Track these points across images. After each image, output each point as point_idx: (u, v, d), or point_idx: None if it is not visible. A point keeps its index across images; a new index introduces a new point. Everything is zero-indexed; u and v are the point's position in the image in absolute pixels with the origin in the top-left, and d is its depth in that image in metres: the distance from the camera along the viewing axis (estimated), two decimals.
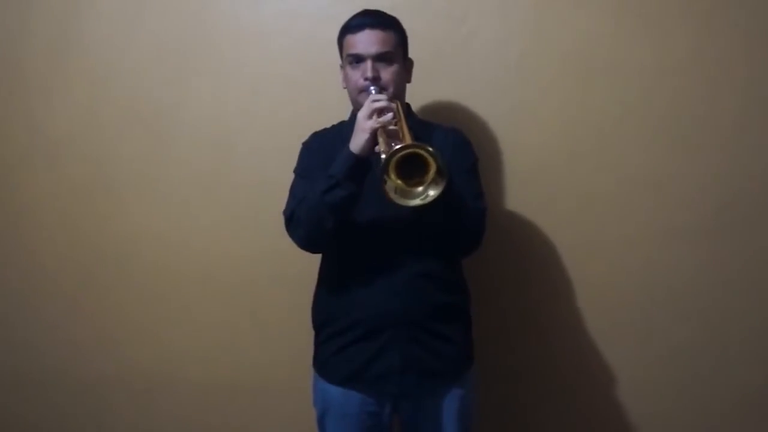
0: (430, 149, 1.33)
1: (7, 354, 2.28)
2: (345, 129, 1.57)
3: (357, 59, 1.57)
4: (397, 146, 1.33)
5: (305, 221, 1.51)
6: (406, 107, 1.67)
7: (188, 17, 2.06)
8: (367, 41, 1.56)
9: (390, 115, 1.44)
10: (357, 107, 1.58)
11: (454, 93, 1.98)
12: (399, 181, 1.34)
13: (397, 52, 1.59)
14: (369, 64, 1.55)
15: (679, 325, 2.00)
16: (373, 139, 1.43)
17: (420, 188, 1.35)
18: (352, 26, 1.59)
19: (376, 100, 1.47)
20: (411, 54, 1.69)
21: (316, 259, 1.69)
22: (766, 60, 1.89)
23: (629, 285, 2.00)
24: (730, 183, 1.93)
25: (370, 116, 1.44)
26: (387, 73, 1.57)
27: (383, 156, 1.35)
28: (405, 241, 1.57)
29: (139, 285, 2.17)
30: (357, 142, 1.44)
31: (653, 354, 2.01)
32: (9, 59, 2.14)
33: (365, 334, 1.57)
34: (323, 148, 1.61)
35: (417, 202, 1.35)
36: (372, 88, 1.54)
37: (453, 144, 1.64)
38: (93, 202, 2.16)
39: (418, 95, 1.90)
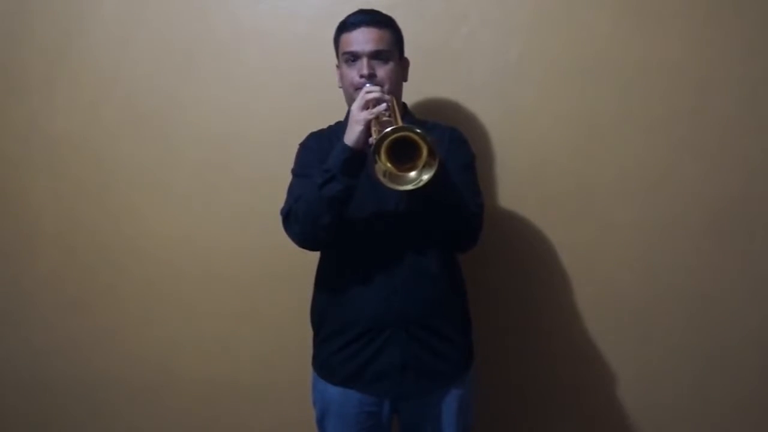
0: (419, 131, 1.32)
1: (7, 354, 2.28)
2: (342, 129, 1.55)
3: (353, 57, 1.57)
4: (388, 129, 1.32)
5: (302, 217, 1.49)
6: (403, 106, 1.67)
7: (189, 17, 2.06)
8: (362, 39, 1.55)
9: (384, 105, 1.43)
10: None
11: (453, 93, 1.97)
12: (389, 165, 1.34)
13: (392, 51, 1.58)
14: (365, 61, 1.55)
15: (679, 325, 1.99)
16: (367, 131, 1.41)
17: (413, 173, 1.35)
18: (347, 24, 1.59)
19: (369, 91, 1.46)
20: (411, 53, 1.68)
21: (317, 258, 1.69)
22: (764, 58, 1.89)
23: (629, 284, 2.00)
24: (730, 182, 1.93)
25: (363, 107, 1.44)
26: (383, 71, 1.56)
27: (374, 138, 1.35)
28: (403, 239, 1.57)
29: (140, 284, 2.18)
30: (351, 135, 1.43)
31: (653, 354, 2.01)
32: (10, 59, 2.15)
33: (364, 333, 1.57)
34: (321, 148, 1.60)
35: (409, 187, 1.34)
36: (367, 83, 1.53)
37: (450, 141, 1.64)
38: (94, 202, 2.16)
39: (417, 95, 1.91)
